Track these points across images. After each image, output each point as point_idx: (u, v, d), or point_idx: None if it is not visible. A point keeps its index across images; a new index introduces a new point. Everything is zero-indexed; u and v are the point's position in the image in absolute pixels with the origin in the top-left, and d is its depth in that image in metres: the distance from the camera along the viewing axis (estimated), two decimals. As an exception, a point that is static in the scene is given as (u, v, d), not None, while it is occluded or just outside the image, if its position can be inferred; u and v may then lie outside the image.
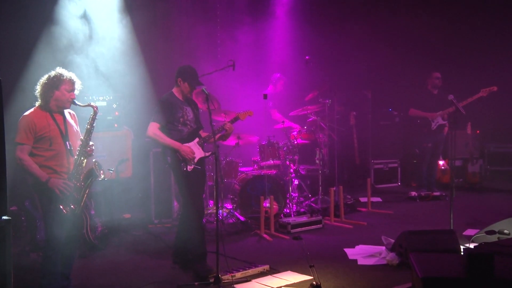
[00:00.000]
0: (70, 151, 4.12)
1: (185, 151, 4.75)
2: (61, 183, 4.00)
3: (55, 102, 4.09)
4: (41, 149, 4.01)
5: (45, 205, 4.06)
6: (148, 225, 6.47)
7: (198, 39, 7.97)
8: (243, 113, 5.20)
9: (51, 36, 5.96)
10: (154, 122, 4.78)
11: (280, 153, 6.91)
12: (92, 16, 6.41)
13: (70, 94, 4.12)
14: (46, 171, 4.00)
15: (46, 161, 4.02)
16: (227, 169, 6.84)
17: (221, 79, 7.64)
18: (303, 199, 7.32)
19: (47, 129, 4.02)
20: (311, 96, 7.53)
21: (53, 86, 4.06)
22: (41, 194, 4.06)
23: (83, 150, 4.15)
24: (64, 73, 4.13)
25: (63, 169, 4.09)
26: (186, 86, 4.89)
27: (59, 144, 4.07)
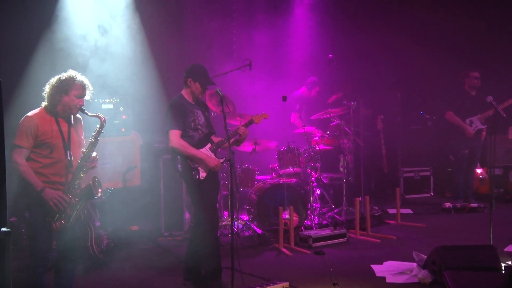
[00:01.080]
0: (70, 162, 4.09)
1: (212, 162, 4.74)
2: (56, 195, 3.98)
3: (62, 107, 4.08)
4: (40, 155, 4.00)
5: (33, 216, 4.00)
6: (157, 238, 6.48)
7: (212, 37, 8.01)
8: (258, 116, 5.17)
9: (53, 35, 6.04)
10: (175, 129, 4.73)
11: (300, 160, 6.88)
12: (98, 13, 6.48)
13: (79, 100, 4.11)
14: (40, 178, 3.98)
15: (42, 168, 4.00)
16: (243, 177, 6.83)
17: (236, 80, 7.64)
18: (325, 210, 7.28)
19: (50, 135, 4.01)
20: (334, 98, 7.49)
21: (62, 90, 4.04)
22: (30, 203, 4.01)
23: (83, 164, 4.12)
24: (77, 76, 4.11)
25: (59, 179, 4.06)
26: (197, 87, 4.88)
27: (60, 152, 4.05)
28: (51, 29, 6.09)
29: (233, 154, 4.51)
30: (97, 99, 6.16)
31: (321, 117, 7.44)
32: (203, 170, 4.75)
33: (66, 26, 6.17)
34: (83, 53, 6.17)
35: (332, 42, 8.73)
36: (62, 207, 3.99)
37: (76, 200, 4.09)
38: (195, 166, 4.72)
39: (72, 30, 6.21)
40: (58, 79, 4.09)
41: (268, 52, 8.37)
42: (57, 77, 4.11)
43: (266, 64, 8.21)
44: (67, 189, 4.06)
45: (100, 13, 6.56)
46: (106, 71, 6.37)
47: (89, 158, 4.15)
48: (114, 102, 6.38)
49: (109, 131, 6.23)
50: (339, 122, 7.25)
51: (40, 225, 3.99)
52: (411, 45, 8.82)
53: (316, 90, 8.06)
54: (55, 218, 3.99)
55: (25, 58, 5.90)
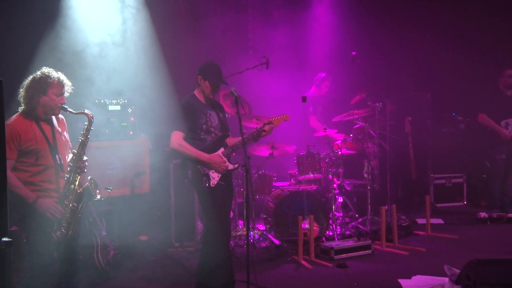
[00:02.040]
0: (60, 166, 4.10)
1: (216, 162, 4.72)
2: (51, 204, 3.97)
3: (42, 108, 4.06)
4: (26, 164, 3.98)
5: (31, 229, 3.99)
6: (167, 249, 6.50)
7: (226, 33, 8.03)
8: (277, 118, 5.16)
9: (58, 32, 6.09)
10: (178, 131, 4.76)
11: (321, 166, 6.87)
12: (105, 8, 6.52)
13: (60, 98, 4.09)
14: (31, 188, 3.96)
15: (31, 177, 3.99)
16: (260, 184, 6.83)
17: (252, 79, 7.64)
18: (348, 219, 7.26)
19: (34, 141, 3.99)
20: (358, 98, 7.47)
21: (40, 90, 4.02)
22: (25, 216, 3.99)
23: (76, 166, 4.11)
24: (52, 74, 4.08)
25: (52, 186, 4.06)
26: (207, 86, 4.88)
27: (47, 158, 4.04)
28: (55, 26, 6.14)
29: (249, 158, 4.51)
30: (103, 99, 6.20)
31: (344, 119, 7.42)
32: (215, 177, 4.75)
33: (71, 22, 6.21)
34: (89, 51, 6.21)
35: (356, 38, 8.70)
36: (60, 216, 3.99)
37: (75, 205, 4.08)
38: (206, 172, 4.71)
39: (78, 25, 6.25)
40: (33, 79, 4.07)
41: (286, 50, 8.38)
42: (30, 77, 4.09)
43: (284, 62, 8.21)
44: (62, 195, 4.06)
45: (108, 9, 6.60)
46: (113, 70, 6.40)
47: (81, 160, 4.14)
48: (121, 103, 6.39)
49: (116, 134, 6.28)
50: (363, 125, 7.23)
51: (38, 238, 3.97)
52: (442, 42, 8.76)
53: (326, 86, 8.04)
54: (54, 228, 3.99)
55: (27, 56, 5.95)
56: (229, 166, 4.85)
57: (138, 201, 6.48)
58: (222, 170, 4.75)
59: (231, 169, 4.89)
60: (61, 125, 4.30)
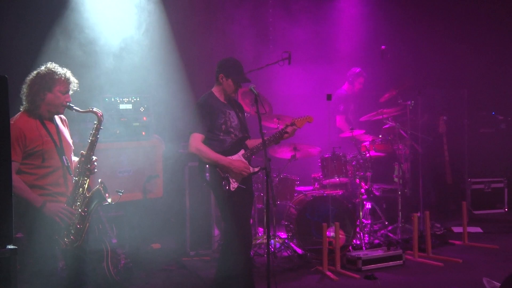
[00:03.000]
0: (68, 168, 4.10)
1: (238, 166, 4.73)
2: (60, 208, 3.97)
3: (47, 106, 4.06)
4: (32, 166, 3.98)
5: (37, 235, 3.96)
6: (182, 258, 6.51)
7: (245, 27, 8.02)
8: (301, 119, 5.14)
9: (65, 26, 6.14)
10: (196, 133, 4.77)
11: (348, 169, 6.84)
12: (116, 1, 6.55)
13: (65, 96, 4.09)
14: (37, 191, 3.96)
15: (38, 180, 3.99)
16: (281, 189, 6.82)
17: (273, 76, 7.62)
18: (377, 227, 7.24)
19: (39, 141, 3.99)
20: (387, 96, 7.43)
21: (44, 87, 4.02)
22: (31, 223, 3.97)
23: (85, 168, 4.12)
24: (58, 70, 4.08)
25: (59, 190, 4.06)
26: (230, 84, 4.89)
27: (54, 159, 4.04)
28: (63, 21, 6.18)
29: (270, 161, 4.50)
30: (113, 97, 6.24)
31: (372, 119, 7.39)
32: (235, 180, 4.75)
33: (80, 16, 6.25)
34: (98, 47, 6.24)
35: (385, 31, 8.65)
36: (70, 221, 3.99)
37: (85, 210, 4.08)
38: (226, 175, 4.72)
39: (87, 20, 6.28)
40: (37, 74, 4.06)
41: (309, 44, 8.35)
42: (34, 73, 4.09)
43: (307, 58, 8.18)
44: (70, 199, 4.06)
45: (120, 3, 6.63)
46: (125, 66, 6.43)
47: (90, 161, 4.14)
48: (133, 102, 6.43)
49: (128, 134, 6.32)
50: (393, 125, 7.18)
51: (45, 247, 3.96)
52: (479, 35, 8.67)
53: (360, 82, 8.00)
54: (62, 235, 3.98)
55: (34, 52, 6.01)
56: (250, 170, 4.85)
57: (150, 207, 6.51)
58: (243, 175, 4.75)
59: (251, 173, 4.89)
60: (65, 126, 4.32)
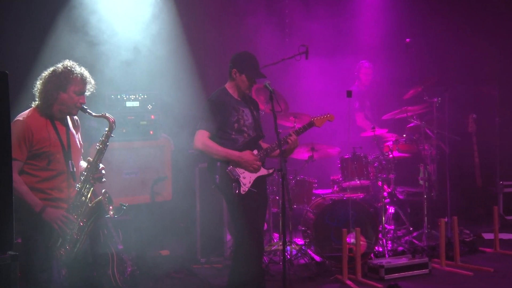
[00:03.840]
0: (73, 174, 4.11)
1: (247, 159, 4.74)
2: (60, 215, 3.97)
3: (59, 106, 4.07)
4: (36, 167, 3.99)
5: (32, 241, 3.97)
6: (192, 265, 6.51)
7: (259, 19, 8.00)
8: (320, 117, 5.12)
9: (70, 19, 6.16)
10: (203, 129, 4.80)
11: (369, 171, 6.82)
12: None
13: (80, 98, 4.11)
14: (38, 195, 3.96)
15: (39, 182, 3.99)
16: (298, 192, 6.81)
17: (289, 71, 7.60)
18: (401, 233, 7.20)
19: (47, 142, 4.00)
20: (412, 93, 7.39)
21: (59, 86, 4.03)
22: (29, 226, 3.96)
23: (90, 176, 4.13)
24: (75, 68, 4.10)
25: (61, 196, 4.06)
26: (244, 80, 4.90)
27: (60, 163, 4.05)
28: (67, 12, 6.20)
29: (286, 162, 4.49)
30: (120, 94, 6.25)
31: (396, 117, 7.36)
32: (246, 183, 4.75)
33: (85, 6, 6.26)
34: (103, 40, 6.26)
35: (410, 23, 8.60)
36: (68, 230, 4.00)
37: (84, 220, 4.09)
38: (236, 177, 4.72)
39: (92, 13, 6.30)
40: (53, 72, 4.08)
41: (328, 37, 8.30)
42: (50, 69, 4.11)
43: (326, 52, 8.15)
44: (71, 207, 4.07)
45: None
46: (131, 61, 6.44)
47: (97, 169, 4.15)
48: (140, 99, 6.44)
49: (135, 134, 6.33)
50: (418, 123, 7.15)
51: (41, 254, 3.97)
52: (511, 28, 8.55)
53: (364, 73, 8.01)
54: (58, 244, 3.99)
55: (36, 45, 6.05)
56: (262, 172, 4.84)
57: (158, 210, 6.52)
58: (254, 169, 4.75)
59: (265, 175, 4.88)
60: (77, 129, 4.33)
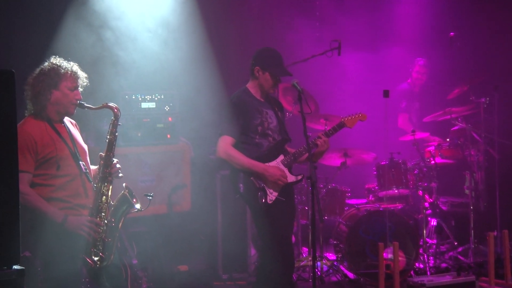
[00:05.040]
0: (87, 175, 4.15)
1: (274, 174, 4.73)
2: (84, 221, 4.00)
3: (54, 107, 4.10)
4: (46, 176, 4.02)
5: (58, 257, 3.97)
6: (213, 282, 6.52)
7: (287, 11, 8.00)
8: (351, 117, 5.10)
9: (81, 12, 6.21)
10: (226, 135, 4.81)
11: (408, 179, 6.77)
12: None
13: (74, 93, 4.14)
14: (56, 205, 3.99)
15: (55, 191, 4.02)
16: (329, 202, 6.79)
17: (320, 69, 7.58)
18: (445, 248, 7.14)
19: (52, 147, 4.03)
20: (457, 92, 7.33)
21: (50, 84, 4.06)
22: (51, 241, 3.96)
23: (105, 172, 4.16)
24: (63, 64, 4.12)
25: (81, 201, 4.10)
26: (267, 78, 4.90)
27: (71, 166, 4.09)
28: (78, 5, 6.26)
29: (315, 169, 4.46)
30: (134, 95, 6.28)
31: (438, 119, 7.32)
32: (273, 191, 4.73)
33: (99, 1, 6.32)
34: (116, 35, 6.30)
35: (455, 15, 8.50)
36: (97, 235, 4.03)
37: (112, 220, 4.14)
38: (262, 185, 4.71)
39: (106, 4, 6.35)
40: (40, 71, 4.10)
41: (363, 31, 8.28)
42: (37, 70, 4.13)
43: (361, 47, 8.13)
44: (94, 210, 4.09)
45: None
46: (147, 59, 6.47)
47: (111, 164, 4.19)
48: (157, 100, 6.46)
49: (150, 137, 6.35)
50: (464, 126, 7.07)
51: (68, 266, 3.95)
52: None
53: (416, 71, 7.96)
54: (90, 253, 4.01)
55: (45, 42, 6.11)
56: (290, 178, 4.82)
57: (176, 222, 6.53)
58: (280, 185, 4.74)
59: (292, 182, 4.86)
60: (76, 128, 4.38)
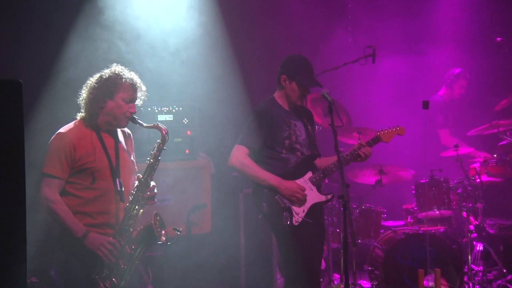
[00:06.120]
0: (120, 194, 4.21)
1: (290, 188, 4.72)
2: (105, 241, 4.05)
3: (106, 117, 4.20)
4: (79, 186, 4.11)
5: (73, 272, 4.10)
6: (236, 310, 6.53)
7: (317, 14, 8.01)
8: (388, 131, 5.07)
9: (93, 18, 6.28)
10: (241, 145, 4.85)
11: (451, 199, 6.74)
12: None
13: (129, 106, 4.22)
14: (82, 219, 4.07)
15: (83, 205, 4.10)
16: (363, 223, 6.78)
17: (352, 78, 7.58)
18: (492, 276, 7.02)
19: (91, 157, 4.12)
20: (505, 103, 7.29)
21: (106, 93, 4.16)
22: (68, 255, 4.12)
23: (140, 196, 4.21)
24: (123, 73, 4.22)
25: (108, 220, 4.16)
26: (294, 88, 4.91)
27: (106, 181, 4.16)
28: (90, 14, 6.32)
29: (348, 187, 4.44)
30: (150, 107, 6.32)
31: (484, 133, 7.28)
32: (299, 211, 4.73)
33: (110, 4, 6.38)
34: (131, 43, 6.36)
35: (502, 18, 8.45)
36: (114, 259, 4.07)
37: (132, 247, 4.18)
38: (288, 204, 4.71)
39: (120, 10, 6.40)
40: (99, 78, 4.21)
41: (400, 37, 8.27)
42: (96, 76, 4.24)
43: (397, 54, 8.11)
44: (118, 231, 4.15)
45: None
46: (164, 67, 6.51)
47: (147, 187, 4.24)
48: (175, 112, 6.49)
49: (168, 153, 6.27)
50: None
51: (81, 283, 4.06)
52: None
53: (461, 86, 7.89)
54: (103, 275, 4.06)
55: (54, 51, 6.18)
56: (319, 198, 4.81)
57: (196, 245, 6.54)
58: (298, 200, 4.73)
59: (322, 202, 4.85)
60: (128, 142, 4.45)
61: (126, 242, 4.15)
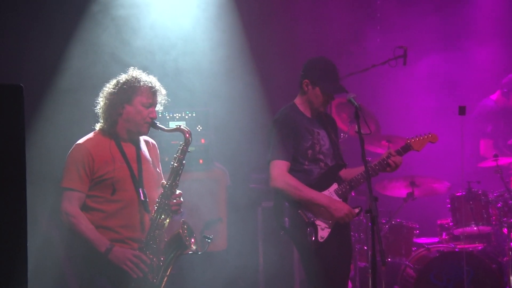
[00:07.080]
0: (145, 205, 4.25)
1: (341, 208, 4.71)
2: (130, 255, 4.09)
3: (125, 124, 4.25)
4: (100, 199, 4.17)
5: None
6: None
7: (342, 12, 8.01)
8: (419, 138, 5.06)
9: (100, 19, 6.33)
10: (278, 159, 4.80)
11: (490, 213, 6.69)
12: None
13: (149, 110, 4.28)
14: (106, 234, 4.12)
15: (106, 219, 4.16)
16: (393, 240, 6.74)
17: (382, 81, 7.57)
18: (536, 298, 6.96)
19: (111, 167, 4.17)
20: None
21: (123, 98, 4.22)
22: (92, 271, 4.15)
23: (165, 203, 4.25)
24: (141, 77, 4.28)
25: (133, 234, 4.21)
26: (318, 94, 4.90)
27: (128, 192, 4.21)
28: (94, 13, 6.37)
29: (376, 200, 4.42)
30: (161, 112, 6.32)
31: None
32: (325, 227, 4.72)
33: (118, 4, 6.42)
34: (140, 43, 6.40)
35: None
36: (142, 273, 4.10)
37: (162, 259, 4.21)
38: (311, 219, 4.69)
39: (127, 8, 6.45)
40: (116, 83, 4.28)
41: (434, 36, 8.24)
42: (113, 81, 4.30)
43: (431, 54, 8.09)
44: (144, 244, 4.18)
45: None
46: (176, 70, 6.54)
47: (173, 194, 4.28)
48: (188, 118, 6.52)
49: (181, 163, 6.39)
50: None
51: None
52: None
53: None
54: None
55: (57, 54, 6.24)
56: None
57: (211, 263, 6.54)
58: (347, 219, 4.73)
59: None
60: (152, 152, 4.50)
61: (154, 254, 4.19)
